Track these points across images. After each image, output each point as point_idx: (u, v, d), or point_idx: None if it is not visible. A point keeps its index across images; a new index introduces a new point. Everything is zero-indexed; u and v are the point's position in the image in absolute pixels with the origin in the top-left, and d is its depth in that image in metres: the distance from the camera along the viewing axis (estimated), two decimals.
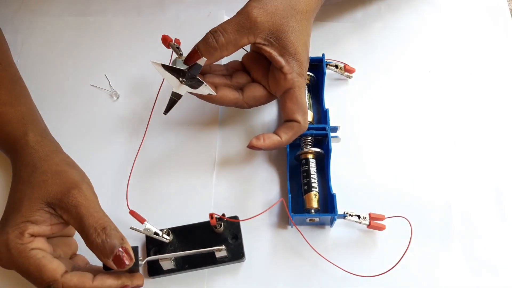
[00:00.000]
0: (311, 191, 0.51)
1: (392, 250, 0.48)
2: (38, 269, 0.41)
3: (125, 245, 0.43)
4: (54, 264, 0.42)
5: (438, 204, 0.52)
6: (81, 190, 0.44)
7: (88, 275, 0.43)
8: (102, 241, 0.42)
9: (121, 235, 0.44)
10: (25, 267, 0.42)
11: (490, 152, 0.55)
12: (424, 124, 0.57)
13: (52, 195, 0.44)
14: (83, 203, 0.43)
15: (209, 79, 0.51)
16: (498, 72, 0.60)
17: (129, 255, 0.43)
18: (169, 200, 0.53)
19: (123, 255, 0.42)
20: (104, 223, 0.43)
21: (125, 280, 0.44)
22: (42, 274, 0.41)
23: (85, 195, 0.44)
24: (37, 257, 0.42)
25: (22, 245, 0.42)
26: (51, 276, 0.41)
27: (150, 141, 0.56)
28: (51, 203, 0.44)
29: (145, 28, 0.63)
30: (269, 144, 0.49)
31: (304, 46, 0.50)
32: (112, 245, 0.42)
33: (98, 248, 0.42)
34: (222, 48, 0.47)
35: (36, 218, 0.43)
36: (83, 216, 0.43)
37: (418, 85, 0.59)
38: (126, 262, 0.43)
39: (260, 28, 0.47)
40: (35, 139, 0.49)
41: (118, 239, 0.43)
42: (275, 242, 0.51)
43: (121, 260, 0.42)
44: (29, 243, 0.42)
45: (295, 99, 0.49)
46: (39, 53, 0.62)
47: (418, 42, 0.62)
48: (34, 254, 0.42)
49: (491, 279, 0.49)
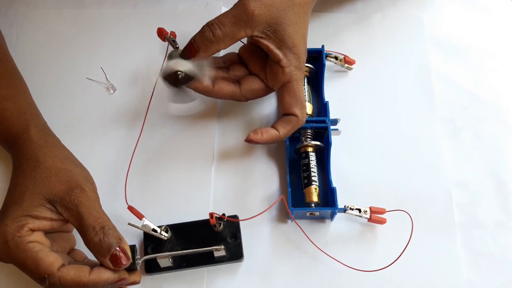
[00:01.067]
0: (311, 184, 0.50)
1: (393, 244, 0.48)
2: (35, 262, 0.41)
3: (123, 245, 0.43)
4: (51, 257, 0.42)
5: (439, 197, 0.52)
6: (83, 190, 0.44)
7: (85, 269, 0.42)
8: (100, 240, 0.42)
9: (119, 235, 0.44)
10: (22, 260, 0.41)
11: (491, 143, 0.55)
12: (425, 115, 0.56)
13: (54, 193, 0.44)
14: (85, 203, 0.44)
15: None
16: (498, 60, 0.60)
17: (126, 254, 0.43)
18: (167, 195, 0.53)
19: (120, 255, 0.43)
20: (103, 222, 0.43)
21: (122, 274, 0.44)
22: (38, 268, 0.41)
23: (87, 195, 0.44)
24: (34, 250, 0.41)
25: (20, 238, 0.42)
26: (47, 270, 0.41)
27: (148, 134, 0.55)
28: (52, 200, 0.43)
29: (141, 20, 0.63)
30: (267, 138, 0.49)
31: (302, 39, 0.49)
32: (109, 244, 0.42)
33: (96, 247, 0.43)
34: (218, 41, 0.47)
35: (37, 213, 0.43)
36: (83, 215, 0.43)
37: (419, 76, 0.59)
38: (122, 262, 0.43)
39: (257, 21, 0.47)
40: (38, 134, 0.49)
41: (116, 239, 0.43)
42: (275, 237, 0.50)
43: (118, 260, 0.42)
44: (27, 236, 0.42)
45: (293, 92, 0.49)
46: (34, 46, 0.62)
47: (418, 33, 0.61)
48: (32, 247, 0.42)
49: (493, 271, 0.49)
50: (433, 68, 0.59)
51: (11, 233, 0.42)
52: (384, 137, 0.55)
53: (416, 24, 0.62)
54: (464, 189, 0.53)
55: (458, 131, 0.56)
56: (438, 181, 0.53)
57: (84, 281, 0.42)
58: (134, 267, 0.45)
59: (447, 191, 0.52)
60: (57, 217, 0.44)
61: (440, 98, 0.57)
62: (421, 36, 0.61)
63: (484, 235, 0.51)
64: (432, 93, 0.58)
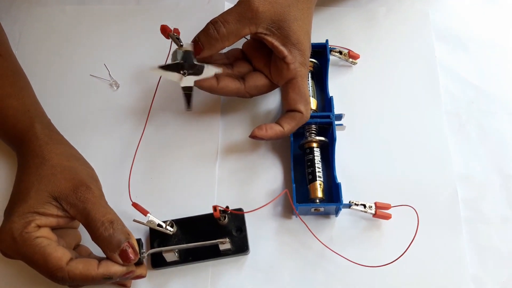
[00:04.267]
0: (315, 180, 0.50)
1: (399, 239, 0.47)
2: (43, 257, 0.41)
3: (131, 240, 0.44)
4: (59, 252, 0.42)
5: (445, 192, 0.52)
6: (89, 188, 0.44)
7: (93, 262, 0.43)
8: (109, 235, 0.43)
9: (127, 230, 0.44)
10: (30, 255, 0.42)
11: (497, 137, 0.55)
12: (430, 110, 0.56)
13: (60, 190, 0.44)
14: (91, 199, 0.44)
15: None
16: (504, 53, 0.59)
17: (135, 250, 0.44)
18: (172, 191, 0.53)
19: (129, 250, 0.43)
20: (111, 217, 0.44)
21: (130, 267, 0.44)
22: (47, 263, 0.41)
23: (92, 192, 0.44)
24: (42, 245, 0.42)
25: (27, 234, 0.42)
26: (56, 264, 0.41)
27: (151, 131, 0.55)
28: (57, 198, 0.44)
29: (144, 16, 0.62)
30: (271, 135, 0.49)
31: (306, 35, 0.49)
32: (119, 240, 0.43)
33: (105, 242, 0.43)
34: (223, 39, 0.47)
35: (43, 210, 0.43)
36: (90, 211, 0.43)
37: (424, 70, 0.58)
38: (131, 257, 0.43)
39: (262, 17, 0.47)
40: (42, 131, 0.49)
41: (125, 234, 0.43)
42: (280, 233, 0.50)
43: (127, 255, 0.43)
44: (34, 232, 0.42)
45: (298, 89, 0.49)
46: (37, 43, 0.61)
47: (423, 26, 0.61)
48: (39, 242, 0.42)
49: (498, 266, 0.49)
50: (439, 62, 0.59)
51: (18, 229, 0.42)
52: (389, 132, 0.55)
53: (421, 18, 0.61)
54: (469, 183, 0.52)
55: (464, 125, 0.55)
56: (443, 176, 0.52)
57: (92, 274, 0.42)
58: (141, 260, 0.45)
59: (453, 186, 0.52)
60: (63, 214, 0.44)
61: (446, 92, 0.57)
62: (427, 29, 0.60)
63: (489, 230, 0.50)
64: (437, 87, 0.57)
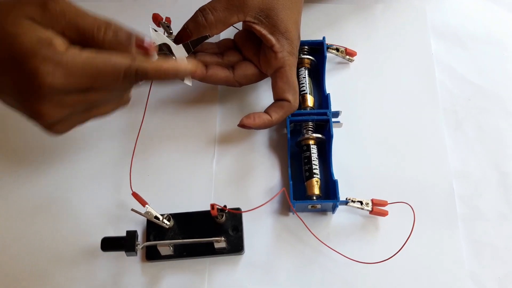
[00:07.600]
0: (312, 177, 0.50)
1: (395, 236, 0.48)
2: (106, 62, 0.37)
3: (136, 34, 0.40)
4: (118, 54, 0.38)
5: (441, 189, 0.52)
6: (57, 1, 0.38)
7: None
8: (114, 33, 0.38)
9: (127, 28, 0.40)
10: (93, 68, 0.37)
11: (494, 134, 0.55)
12: (427, 107, 0.56)
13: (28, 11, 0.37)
14: (68, 9, 0.38)
15: (200, 57, 0.52)
16: (501, 50, 0.59)
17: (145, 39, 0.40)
18: (170, 184, 0.53)
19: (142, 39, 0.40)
20: (104, 20, 0.39)
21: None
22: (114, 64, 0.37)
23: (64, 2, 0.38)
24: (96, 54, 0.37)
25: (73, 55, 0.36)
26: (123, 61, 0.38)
27: (149, 121, 0.54)
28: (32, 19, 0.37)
29: (141, 12, 0.62)
30: (259, 123, 0.49)
31: (295, 24, 0.49)
32: (127, 33, 0.39)
33: (113, 43, 0.38)
34: (211, 26, 0.47)
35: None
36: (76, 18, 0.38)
37: (421, 66, 0.58)
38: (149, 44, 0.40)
39: (250, 6, 0.47)
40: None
41: (126, 29, 0.39)
42: (277, 229, 0.50)
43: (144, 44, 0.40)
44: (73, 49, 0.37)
45: (286, 78, 0.49)
46: None
47: (420, 23, 0.61)
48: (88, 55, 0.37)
49: (495, 262, 0.49)
50: (436, 58, 0.59)
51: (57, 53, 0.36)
52: (386, 129, 0.55)
53: (418, 14, 0.61)
54: (466, 180, 0.52)
55: (461, 122, 0.55)
56: (440, 173, 0.53)
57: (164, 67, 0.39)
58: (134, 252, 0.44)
59: (449, 183, 0.52)
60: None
61: (443, 89, 0.57)
62: (424, 26, 0.60)
63: (486, 227, 0.50)
64: (434, 84, 0.57)
